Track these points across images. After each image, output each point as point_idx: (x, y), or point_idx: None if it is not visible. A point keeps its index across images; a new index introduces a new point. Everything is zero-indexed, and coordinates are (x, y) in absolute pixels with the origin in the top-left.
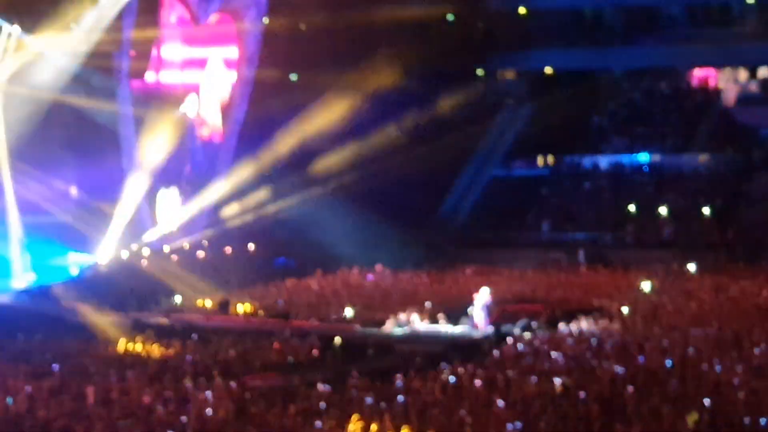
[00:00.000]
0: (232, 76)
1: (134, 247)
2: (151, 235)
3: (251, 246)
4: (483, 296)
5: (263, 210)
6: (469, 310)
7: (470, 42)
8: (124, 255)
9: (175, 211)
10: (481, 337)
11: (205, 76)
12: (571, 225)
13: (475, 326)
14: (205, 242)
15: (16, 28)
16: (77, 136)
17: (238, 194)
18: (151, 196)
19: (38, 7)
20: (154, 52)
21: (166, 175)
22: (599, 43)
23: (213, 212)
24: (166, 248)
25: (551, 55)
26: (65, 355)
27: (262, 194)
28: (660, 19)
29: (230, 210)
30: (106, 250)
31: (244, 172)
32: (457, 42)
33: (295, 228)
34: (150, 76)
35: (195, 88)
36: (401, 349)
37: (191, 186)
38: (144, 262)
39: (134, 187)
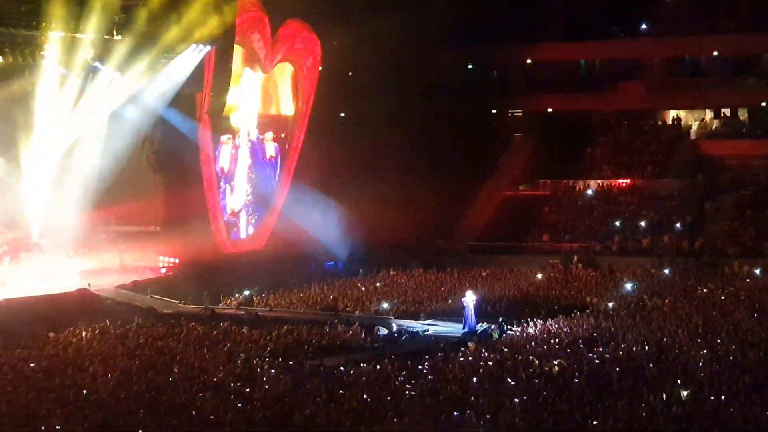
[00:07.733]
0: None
1: (212, 253)
2: (224, 242)
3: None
4: (470, 298)
5: (314, 223)
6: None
7: (486, 87)
8: (203, 259)
9: (243, 223)
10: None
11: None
12: (567, 236)
13: (468, 325)
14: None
15: (115, 73)
16: (164, 163)
17: (293, 210)
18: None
19: (132, 55)
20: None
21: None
22: (591, 88)
23: (275, 225)
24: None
25: (552, 98)
26: (155, 338)
27: (314, 210)
28: (641, 68)
29: (286, 222)
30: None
31: (300, 192)
32: (476, 86)
33: (342, 237)
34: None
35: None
36: (427, 336)
37: (256, 202)
38: (217, 265)
39: (211, 203)
